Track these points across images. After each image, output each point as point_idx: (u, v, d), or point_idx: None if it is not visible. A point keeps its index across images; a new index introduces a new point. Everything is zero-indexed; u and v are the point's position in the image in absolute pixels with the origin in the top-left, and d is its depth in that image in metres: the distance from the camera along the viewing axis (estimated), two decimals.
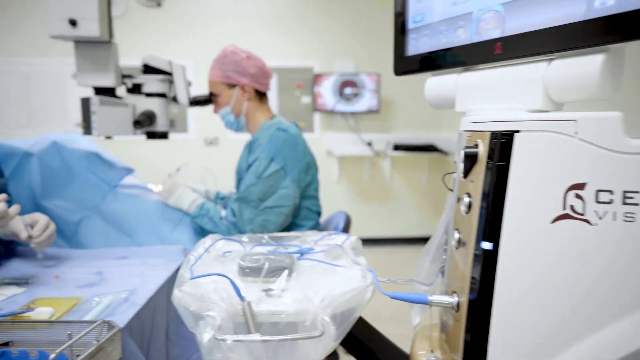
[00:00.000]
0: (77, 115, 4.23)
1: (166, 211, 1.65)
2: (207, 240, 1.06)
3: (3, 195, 1.09)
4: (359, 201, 4.67)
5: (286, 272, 0.86)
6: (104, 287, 1.11)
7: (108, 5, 1.56)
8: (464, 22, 0.81)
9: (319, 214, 1.77)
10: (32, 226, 1.22)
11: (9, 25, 4.15)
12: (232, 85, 1.70)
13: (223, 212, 1.61)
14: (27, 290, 1.08)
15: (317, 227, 1.76)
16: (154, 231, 1.57)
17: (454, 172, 0.86)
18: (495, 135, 0.65)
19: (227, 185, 2.01)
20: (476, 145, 0.69)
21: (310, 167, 1.68)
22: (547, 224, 0.61)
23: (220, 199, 1.91)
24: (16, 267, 1.26)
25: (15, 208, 1.06)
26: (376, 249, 4.44)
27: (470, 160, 0.69)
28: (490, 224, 0.65)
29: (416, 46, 0.93)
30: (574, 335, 0.61)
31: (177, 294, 0.80)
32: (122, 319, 0.93)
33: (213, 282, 0.79)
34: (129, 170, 1.77)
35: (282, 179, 1.58)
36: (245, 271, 0.87)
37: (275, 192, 1.57)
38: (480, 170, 0.68)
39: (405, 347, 1.00)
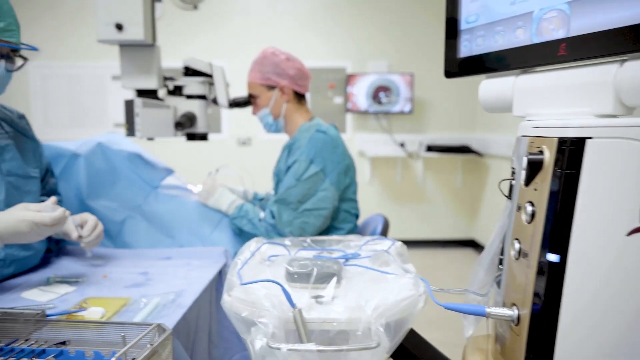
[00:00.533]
0: (116, 115, 4.35)
1: (205, 212, 1.67)
2: (252, 244, 1.05)
3: (54, 198, 1.12)
4: (390, 202, 4.62)
5: (335, 278, 0.85)
6: (150, 287, 1.13)
7: (152, 10, 1.58)
8: (523, 22, 0.78)
9: (356, 216, 1.76)
10: (81, 226, 1.25)
11: (53, 31, 4.30)
12: (271, 87, 1.70)
13: (262, 214, 1.61)
14: (78, 288, 1.11)
15: (354, 230, 1.74)
16: (194, 232, 1.59)
17: (508, 179, 0.82)
18: (564, 141, 0.62)
19: (261, 185, 2.01)
20: (540, 152, 0.66)
21: (349, 169, 1.67)
22: (621, 237, 0.58)
23: (259, 201, 1.92)
24: (66, 265, 1.29)
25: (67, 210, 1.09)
26: (408, 251, 4.39)
27: (534, 167, 0.66)
28: (557, 235, 0.62)
29: (469, 48, 0.90)
30: None
31: (227, 298, 0.80)
32: (170, 321, 0.94)
33: (263, 288, 0.78)
34: (169, 171, 1.80)
35: (321, 182, 1.57)
36: (293, 277, 0.86)
37: (314, 195, 1.56)
38: (545, 178, 0.64)
39: (447, 354, 0.98)
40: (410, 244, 4.55)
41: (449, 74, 0.97)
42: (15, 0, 1.17)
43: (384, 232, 1.77)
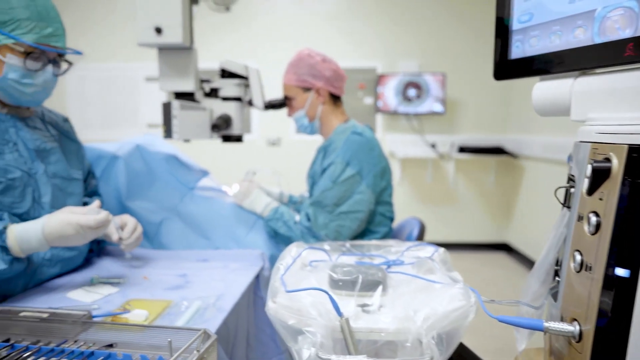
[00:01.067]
0: (148, 116, 4.44)
1: (241, 214, 1.67)
2: (293, 249, 1.04)
3: (98, 202, 1.13)
4: (420, 204, 4.56)
5: (381, 287, 0.83)
6: (189, 290, 1.13)
7: (190, 13, 1.60)
8: (584, 21, 0.74)
9: (392, 219, 1.73)
10: (122, 228, 1.27)
11: (88, 33, 4.42)
12: (306, 89, 1.69)
13: (297, 217, 1.60)
14: (120, 289, 1.12)
15: (390, 233, 1.71)
16: (230, 233, 1.59)
17: (565, 186, 0.78)
18: (636, 149, 0.58)
19: (290, 186, 1.99)
20: (607, 160, 0.62)
21: (385, 172, 1.64)
22: None
23: (294, 203, 1.91)
24: (107, 265, 1.31)
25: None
26: None
27: (600, 175, 0.62)
28: (627, 248, 0.58)
29: (521, 49, 0.86)
30: None
31: (271, 305, 0.79)
32: (211, 325, 0.93)
33: (309, 296, 0.77)
34: (204, 173, 1.80)
35: (357, 184, 1.55)
36: (338, 284, 0.85)
37: (350, 197, 1.54)
38: (613, 187, 0.61)
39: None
40: (439, 245, 4.49)
41: (499, 75, 0.93)
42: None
43: (420, 237, 1.73)
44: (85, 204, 1.37)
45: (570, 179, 0.78)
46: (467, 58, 4.36)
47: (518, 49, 0.87)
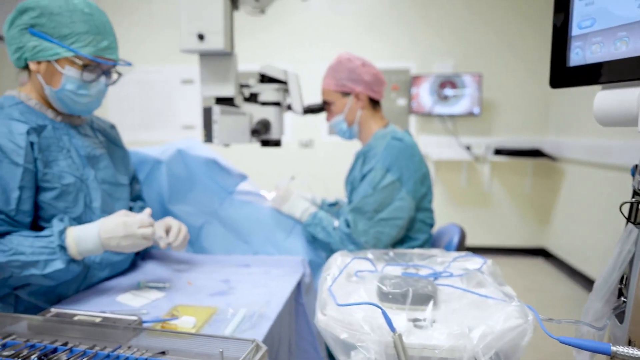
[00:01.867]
0: (184, 118, 4.52)
1: (279, 218, 1.67)
2: (338, 258, 1.04)
3: (149, 210, 1.16)
4: (454, 207, 4.48)
5: (432, 301, 0.81)
6: (233, 296, 1.14)
7: (231, 19, 1.61)
8: None
9: (431, 226, 1.70)
10: (166, 231, 1.29)
11: (127, 37, 4.54)
12: (346, 94, 1.68)
13: (336, 222, 1.59)
14: (166, 294, 1.14)
15: (429, 240, 1.69)
16: (269, 238, 1.60)
17: (630, 201, 0.75)
18: None
19: (323, 188, 1.98)
20: None
21: (425, 178, 1.61)
22: None
23: (328, 206, 1.90)
24: (152, 269, 1.34)
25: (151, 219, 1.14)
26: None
27: None
28: None
29: (582, 55, 0.83)
30: None
31: (321, 318, 0.78)
32: (257, 334, 0.94)
33: (360, 309, 0.76)
34: (243, 177, 1.82)
35: (397, 191, 1.53)
36: (388, 297, 0.83)
37: (390, 204, 1.52)
38: None
39: None
40: (474, 250, 4.39)
41: (556, 83, 0.89)
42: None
43: (461, 244, 1.70)
44: (130, 208, 1.40)
45: (636, 192, 0.74)
46: (505, 58, 4.25)
47: (578, 56, 0.84)
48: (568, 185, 3.97)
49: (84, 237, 1.07)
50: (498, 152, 4.23)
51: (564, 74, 0.87)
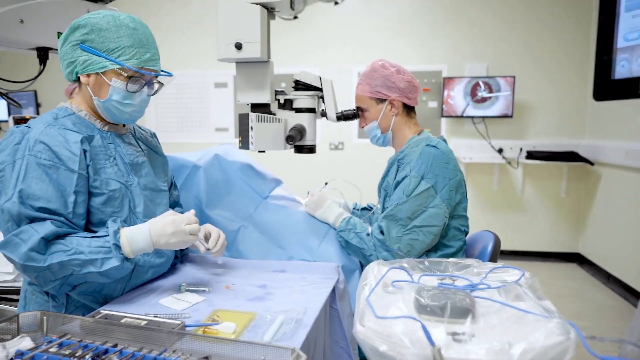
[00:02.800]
0: (217, 121, 4.62)
1: (313, 223, 1.69)
2: (375, 268, 1.05)
3: (193, 211, 1.21)
4: (486, 210, 4.41)
5: (471, 315, 0.81)
6: (271, 302, 1.17)
7: (268, 27, 1.64)
8: None
9: (466, 233, 1.69)
10: (205, 237, 1.33)
11: (163, 43, 4.66)
12: (380, 100, 1.69)
13: (369, 228, 1.60)
14: (206, 298, 1.18)
15: (464, 247, 1.68)
16: (303, 243, 1.62)
17: None
18: None
19: (354, 189, 1.99)
20: None
21: (460, 185, 1.61)
22: None
23: (360, 210, 1.92)
24: (191, 272, 1.39)
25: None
26: (503, 261, 4.16)
27: None
28: None
29: (628, 68, 0.82)
30: None
31: (360, 329, 0.80)
32: (295, 341, 0.96)
33: (399, 322, 0.77)
34: (278, 182, 1.85)
35: (432, 198, 1.52)
36: (426, 309, 0.84)
37: (424, 211, 1.52)
38: None
39: None
40: (506, 254, 4.32)
41: (600, 96, 0.88)
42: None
43: (495, 252, 1.68)
44: None
45: None
46: (539, 60, 4.16)
47: (624, 69, 0.83)
48: (605, 190, 3.86)
49: (136, 236, 1.13)
50: (531, 155, 4.15)
51: (609, 87, 0.86)
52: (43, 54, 1.82)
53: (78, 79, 1.22)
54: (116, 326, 0.96)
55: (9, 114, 4.05)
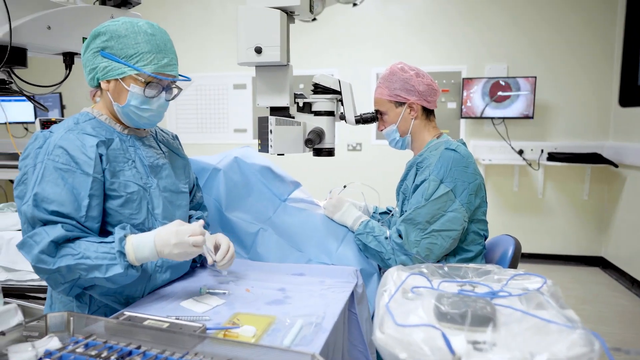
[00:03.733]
0: (235, 122, 4.66)
1: (331, 226, 1.70)
2: (394, 273, 1.05)
3: (202, 222, 1.21)
4: (505, 212, 4.36)
5: (492, 323, 0.81)
6: (290, 305, 1.17)
7: (287, 32, 1.65)
8: None
9: (485, 237, 1.67)
10: (216, 248, 1.33)
11: (183, 46, 4.73)
12: (399, 103, 1.68)
13: (387, 232, 1.60)
14: (226, 301, 1.19)
15: (483, 251, 1.66)
16: (321, 246, 1.62)
17: None
18: None
19: (375, 194, 1.99)
20: None
21: (480, 190, 1.59)
22: None
23: (379, 215, 1.91)
24: (211, 276, 1.40)
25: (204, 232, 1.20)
26: (523, 265, 4.10)
27: None
28: None
29: None
30: None
31: (380, 336, 0.80)
32: (314, 345, 0.97)
33: (420, 330, 0.77)
34: (296, 184, 1.86)
35: (451, 202, 1.51)
36: (446, 317, 0.84)
37: (443, 215, 1.51)
38: None
39: None
40: (526, 257, 4.26)
41: (626, 102, 0.87)
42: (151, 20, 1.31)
43: (516, 257, 1.66)
44: (190, 217, 1.47)
45: None
46: (560, 60, 4.09)
47: None
48: (629, 192, 3.77)
49: (142, 245, 1.14)
50: (552, 156, 4.08)
51: (635, 93, 0.84)
52: (69, 58, 1.86)
53: (99, 85, 1.25)
54: (139, 328, 0.98)
55: (35, 116, 4.15)
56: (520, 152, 4.21)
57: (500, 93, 4.08)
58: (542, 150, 4.16)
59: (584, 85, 4.06)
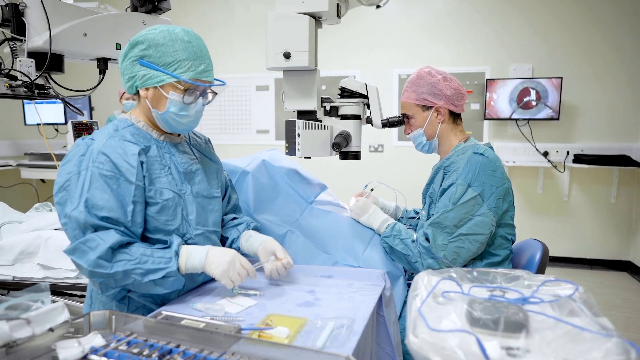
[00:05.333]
0: (258, 123, 4.71)
1: (358, 229, 1.71)
2: (425, 277, 1.06)
3: (253, 272, 1.28)
4: (529, 215, 4.30)
5: (525, 330, 0.81)
6: (320, 308, 1.20)
7: (315, 37, 1.67)
8: None
9: (513, 242, 1.67)
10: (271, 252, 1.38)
11: (210, 48, 4.80)
12: (426, 108, 1.69)
13: (414, 235, 1.61)
14: (258, 302, 1.22)
15: (510, 256, 1.66)
16: (348, 249, 1.64)
17: None
18: None
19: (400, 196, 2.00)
20: None
21: (507, 194, 1.59)
22: None
23: (407, 219, 1.92)
24: None
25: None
26: (549, 268, 4.04)
27: None
28: None
29: None
30: None
31: (413, 339, 0.82)
32: (346, 348, 0.99)
33: (454, 335, 0.79)
34: (323, 187, 1.88)
35: (479, 206, 1.52)
36: (478, 322, 0.85)
37: (471, 220, 1.52)
38: None
39: None
40: (550, 260, 4.18)
41: None
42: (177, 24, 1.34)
43: (543, 261, 1.65)
44: (234, 219, 1.55)
45: None
46: (586, 60, 4.02)
47: None
48: None
49: (194, 256, 1.21)
50: (579, 158, 4.01)
51: None
52: (103, 63, 1.93)
53: (137, 92, 1.29)
54: (177, 327, 1.01)
55: (65, 118, 4.28)
56: (545, 154, 4.15)
57: (524, 94, 4.02)
58: (567, 152, 4.10)
59: (612, 85, 3.99)
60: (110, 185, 1.17)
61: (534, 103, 4.01)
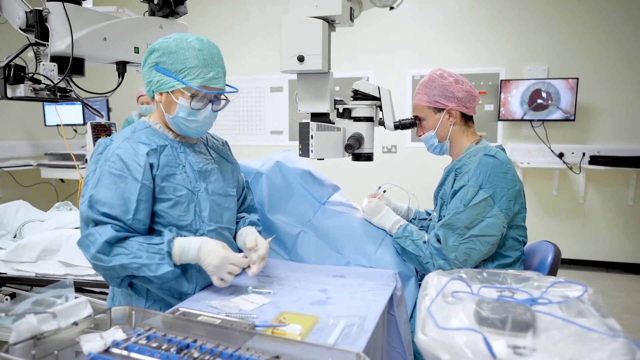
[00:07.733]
0: (271, 124, 4.76)
1: (370, 229, 1.74)
2: (435, 278, 1.08)
3: (245, 261, 1.31)
4: (544, 217, 4.27)
5: (532, 329, 0.83)
6: (332, 306, 1.23)
7: (328, 40, 1.70)
8: None
9: (524, 243, 1.67)
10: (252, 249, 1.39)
11: (225, 50, 4.86)
12: (438, 110, 1.71)
13: (425, 236, 1.63)
14: (271, 300, 1.26)
15: (522, 258, 1.66)
16: (360, 249, 1.67)
17: None
18: None
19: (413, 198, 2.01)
20: None
21: (519, 196, 1.60)
22: None
23: (419, 220, 1.94)
24: (256, 275, 1.47)
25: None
26: (564, 271, 4.01)
27: None
28: None
29: None
30: None
31: (422, 337, 0.84)
32: (357, 345, 1.01)
33: (462, 333, 0.81)
34: (336, 188, 1.91)
35: (490, 208, 1.53)
36: (486, 322, 0.87)
37: (482, 221, 1.53)
38: None
39: None
40: (565, 263, 4.16)
41: None
42: (193, 29, 1.38)
43: (555, 263, 1.66)
44: (243, 217, 1.58)
45: None
46: (603, 60, 3.97)
47: None
48: None
49: (187, 249, 1.26)
50: (595, 160, 3.97)
51: None
52: (122, 67, 1.98)
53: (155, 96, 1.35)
54: (193, 323, 1.05)
55: (84, 119, 4.38)
56: (561, 155, 4.12)
57: (540, 97, 4.00)
58: (583, 154, 4.06)
59: (629, 86, 3.94)
60: (117, 183, 1.24)
61: (546, 104, 3.98)
